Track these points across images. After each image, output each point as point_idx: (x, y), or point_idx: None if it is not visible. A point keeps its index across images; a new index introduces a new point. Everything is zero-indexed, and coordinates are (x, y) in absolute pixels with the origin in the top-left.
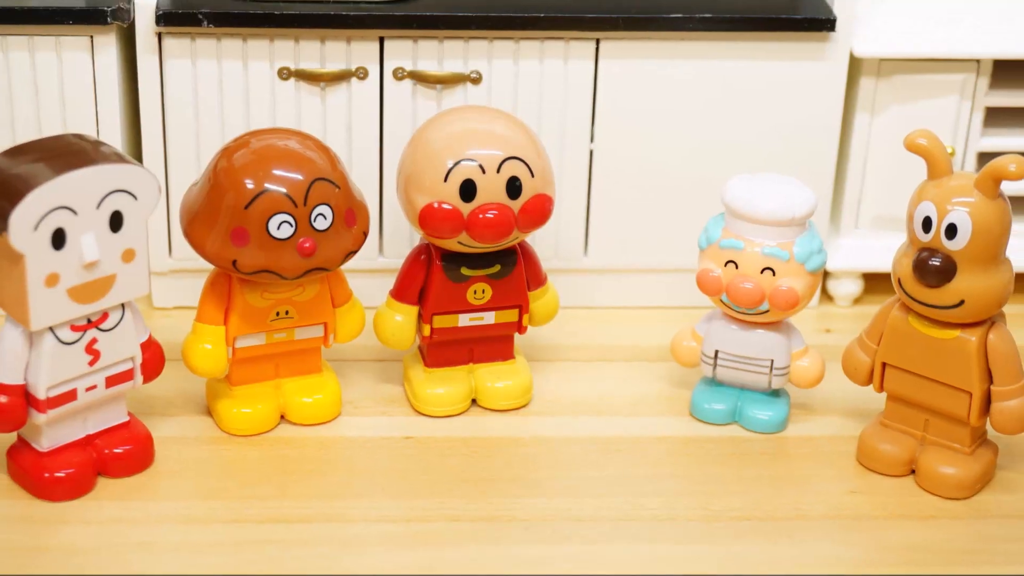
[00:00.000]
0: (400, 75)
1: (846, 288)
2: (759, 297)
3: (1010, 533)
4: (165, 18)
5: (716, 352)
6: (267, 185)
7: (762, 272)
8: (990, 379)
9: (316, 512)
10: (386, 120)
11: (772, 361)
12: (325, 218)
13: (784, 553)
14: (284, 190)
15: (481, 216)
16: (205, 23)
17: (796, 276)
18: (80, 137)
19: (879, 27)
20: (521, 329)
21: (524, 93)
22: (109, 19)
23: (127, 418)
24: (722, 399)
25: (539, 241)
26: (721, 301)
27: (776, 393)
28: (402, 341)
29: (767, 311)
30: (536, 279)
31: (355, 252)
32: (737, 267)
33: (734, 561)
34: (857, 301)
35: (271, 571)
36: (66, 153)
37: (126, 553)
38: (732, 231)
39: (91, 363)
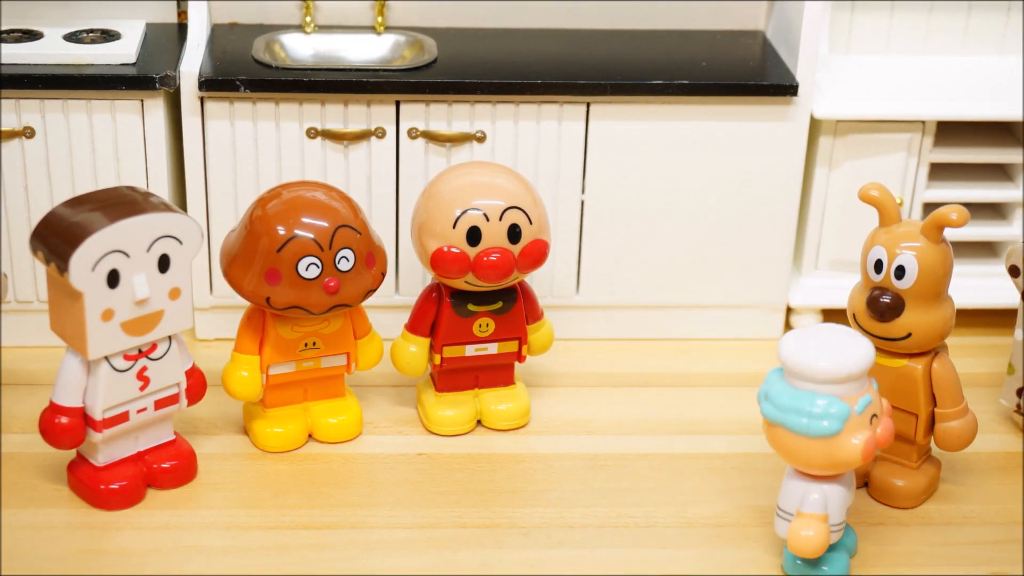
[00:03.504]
0: (414, 134)
1: (806, 322)
2: None
3: (950, 538)
4: (207, 84)
5: None
6: (297, 231)
7: None
8: (934, 403)
9: (341, 520)
10: (402, 174)
11: None
12: (348, 260)
13: (750, 555)
14: (312, 236)
15: (485, 259)
16: (242, 88)
17: None
18: (132, 189)
19: (836, 92)
20: (521, 358)
21: (523, 150)
22: (157, 85)
23: (173, 436)
24: None
25: (536, 280)
26: None
27: None
28: (416, 369)
29: None
30: (534, 314)
31: (374, 290)
32: None
33: (706, 563)
34: None
35: (304, 571)
36: (119, 203)
37: (175, 555)
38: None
39: (141, 388)
